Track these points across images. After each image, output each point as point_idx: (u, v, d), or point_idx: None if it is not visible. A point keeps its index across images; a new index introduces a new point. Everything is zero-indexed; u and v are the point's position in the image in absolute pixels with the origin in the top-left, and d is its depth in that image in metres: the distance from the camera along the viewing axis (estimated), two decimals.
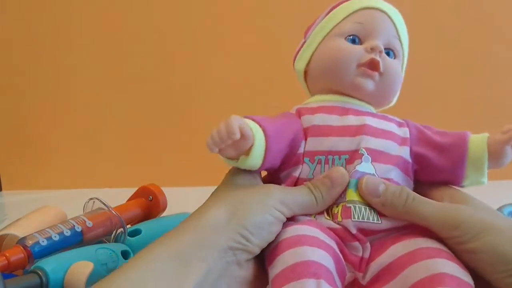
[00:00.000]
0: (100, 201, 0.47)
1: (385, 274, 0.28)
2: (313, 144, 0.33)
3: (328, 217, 0.31)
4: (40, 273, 0.34)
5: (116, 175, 0.84)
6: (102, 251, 0.38)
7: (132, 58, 0.83)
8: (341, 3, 0.38)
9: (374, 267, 0.29)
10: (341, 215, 0.30)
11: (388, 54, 0.36)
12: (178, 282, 0.25)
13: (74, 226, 0.41)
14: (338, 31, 0.36)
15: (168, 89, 0.83)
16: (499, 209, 0.49)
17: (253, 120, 0.31)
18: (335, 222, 0.30)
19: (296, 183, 0.33)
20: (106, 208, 0.45)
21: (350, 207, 0.31)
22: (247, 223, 0.28)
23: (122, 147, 0.85)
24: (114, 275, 0.25)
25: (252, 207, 0.29)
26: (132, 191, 0.56)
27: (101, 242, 0.44)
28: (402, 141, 0.34)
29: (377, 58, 0.34)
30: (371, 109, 0.37)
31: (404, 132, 0.34)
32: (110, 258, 0.38)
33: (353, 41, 0.36)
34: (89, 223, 0.43)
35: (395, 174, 0.32)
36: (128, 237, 0.44)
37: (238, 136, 0.28)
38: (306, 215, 0.31)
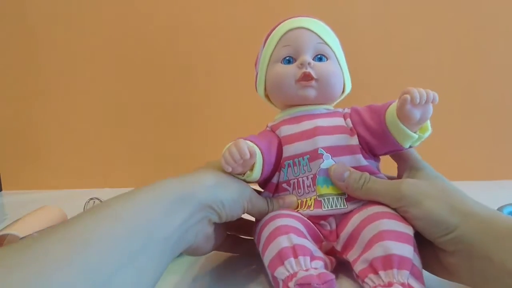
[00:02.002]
0: (100, 201, 0.47)
1: (350, 240, 0.37)
2: (283, 152, 0.41)
3: (297, 209, 0.40)
4: None
5: (116, 175, 0.85)
6: None
7: (132, 59, 0.83)
8: (271, 32, 0.46)
9: (343, 236, 0.37)
10: (313, 206, 0.39)
11: (320, 59, 0.43)
12: (168, 216, 0.31)
13: None
14: (275, 58, 0.45)
15: (168, 90, 0.83)
16: (499, 209, 0.49)
17: (250, 140, 0.39)
18: (307, 210, 0.39)
19: (277, 187, 0.42)
20: None
21: (321, 200, 0.39)
22: (228, 196, 0.36)
23: (122, 147, 0.85)
24: (119, 197, 0.30)
25: (233, 187, 0.37)
26: None
27: None
28: (351, 132, 0.41)
29: (307, 70, 0.42)
30: (326, 107, 0.44)
31: (349, 123, 0.41)
32: None
33: (289, 62, 0.44)
34: None
35: (355, 161, 0.40)
36: None
37: (248, 156, 0.37)
38: None
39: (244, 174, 0.38)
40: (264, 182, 0.43)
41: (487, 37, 0.77)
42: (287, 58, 0.43)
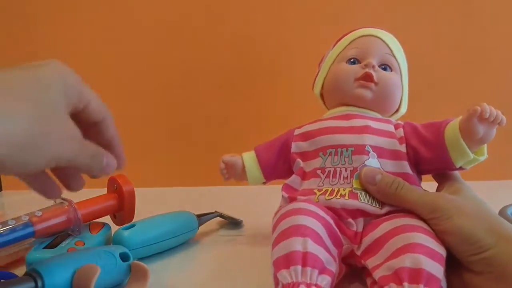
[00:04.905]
0: (62, 198, 0.47)
1: (374, 246, 0.34)
2: (323, 141, 0.41)
3: (329, 197, 0.37)
4: (35, 276, 0.33)
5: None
6: (100, 253, 0.38)
7: (134, 58, 0.82)
8: (344, 36, 0.47)
9: (367, 240, 0.35)
10: (348, 196, 0.37)
11: (385, 69, 0.43)
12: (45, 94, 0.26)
13: (21, 216, 0.41)
14: (341, 57, 0.45)
15: (167, 91, 0.83)
16: (503, 209, 0.48)
17: (254, 148, 0.47)
18: (341, 199, 0.37)
19: (306, 173, 0.41)
20: (66, 202, 0.46)
21: (357, 193, 0.37)
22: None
23: (125, 148, 0.85)
24: None
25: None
26: None
27: (69, 235, 0.45)
28: (400, 140, 0.40)
29: (370, 71, 0.42)
30: (376, 115, 0.43)
31: (400, 132, 0.40)
32: (108, 260, 0.37)
33: (353, 63, 0.44)
34: (38, 213, 0.43)
35: (398, 167, 0.38)
36: (122, 230, 0.45)
37: (222, 166, 0.47)
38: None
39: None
40: (287, 172, 0.44)
41: (488, 36, 0.76)
42: (352, 59, 0.44)
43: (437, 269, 0.30)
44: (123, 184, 0.50)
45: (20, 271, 0.41)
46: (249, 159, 0.46)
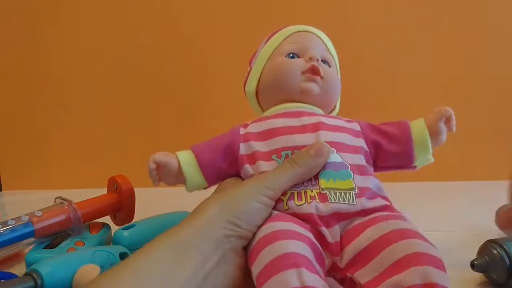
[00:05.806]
0: (62, 198, 0.48)
1: (362, 256, 0.30)
2: (278, 142, 0.37)
3: (299, 203, 0.33)
4: (35, 276, 0.34)
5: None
6: (99, 253, 0.38)
7: (132, 60, 0.83)
8: (277, 31, 0.44)
9: (351, 250, 0.31)
10: (318, 199, 0.33)
11: (325, 64, 0.42)
12: (175, 269, 0.27)
13: (21, 217, 0.42)
14: (278, 52, 0.42)
15: (167, 91, 0.83)
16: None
17: (191, 148, 0.40)
18: (313, 202, 0.33)
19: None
20: (66, 202, 0.46)
21: (326, 193, 0.33)
22: (236, 211, 0.31)
23: (122, 148, 0.85)
24: (117, 266, 0.27)
25: (238, 197, 0.32)
26: None
27: (69, 235, 0.45)
28: (355, 134, 0.38)
29: (316, 64, 0.40)
30: (321, 111, 0.41)
31: (354, 126, 0.39)
32: (108, 260, 0.38)
33: (292, 58, 0.41)
34: (38, 213, 0.44)
35: (359, 160, 0.36)
36: (121, 230, 0.45)
37: (152, 166, 0.38)
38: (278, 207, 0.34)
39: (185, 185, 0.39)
40: (234, 176, 0.39)
41: (486, 37, 0.77)
42: (292, 54, 0.42)
43: (446, 279, 0.27)
44: (123, 184, 0.50)
45: (20, 271, 0.41)
46: (186, 159, 0.39)
